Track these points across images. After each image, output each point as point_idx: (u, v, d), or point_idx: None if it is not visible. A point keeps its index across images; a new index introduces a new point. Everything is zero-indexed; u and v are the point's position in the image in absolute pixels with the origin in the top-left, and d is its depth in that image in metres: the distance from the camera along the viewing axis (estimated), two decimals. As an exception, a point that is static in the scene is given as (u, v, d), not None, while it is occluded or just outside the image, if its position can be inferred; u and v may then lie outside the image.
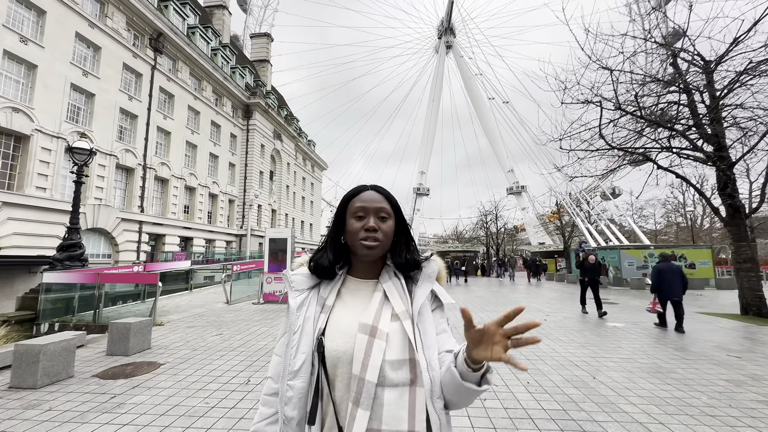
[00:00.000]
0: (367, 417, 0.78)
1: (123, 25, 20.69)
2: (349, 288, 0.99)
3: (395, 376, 0.82)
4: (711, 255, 18.48)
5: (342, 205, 1.01)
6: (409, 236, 1.03)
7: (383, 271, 0.99)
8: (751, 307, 8.99)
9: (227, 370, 4.73)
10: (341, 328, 0.89)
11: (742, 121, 8.72)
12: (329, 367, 0.86)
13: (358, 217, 0.95)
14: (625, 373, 4.55)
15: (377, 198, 0.98)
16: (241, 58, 39.80)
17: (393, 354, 0.84)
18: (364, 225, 0.93)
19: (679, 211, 39.61)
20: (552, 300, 12.57)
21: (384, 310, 0.90)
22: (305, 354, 0.87)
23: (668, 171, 9.98)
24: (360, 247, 0.93)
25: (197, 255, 25.61)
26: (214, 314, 9.15)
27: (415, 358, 0.84)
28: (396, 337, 0.86)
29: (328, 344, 0.87)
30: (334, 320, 0.91)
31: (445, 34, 50.44)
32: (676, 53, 9.23)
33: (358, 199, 0.98)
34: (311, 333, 0.89)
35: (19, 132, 14.99)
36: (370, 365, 0.81)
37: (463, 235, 55.88)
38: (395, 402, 0.80)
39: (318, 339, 0.88)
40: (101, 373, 4.67)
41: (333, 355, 0.86)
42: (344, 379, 0.85)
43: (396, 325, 0.87)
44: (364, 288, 0.98)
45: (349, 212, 0.97)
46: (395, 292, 0.93)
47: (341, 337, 0.88)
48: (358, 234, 0.94)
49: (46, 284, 8.06)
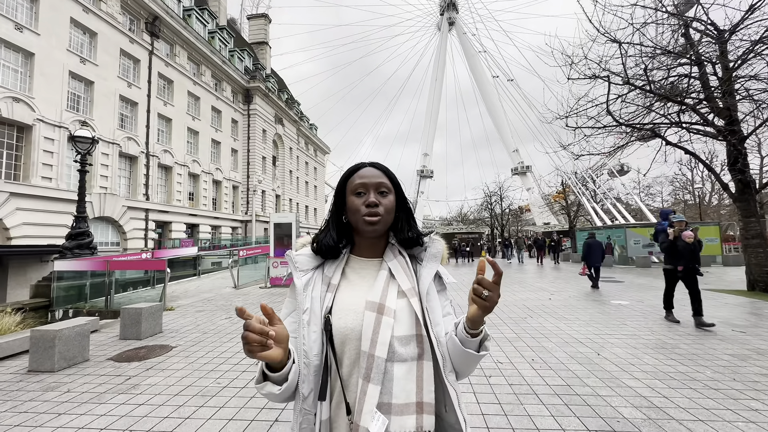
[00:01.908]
0: (378, 391, 0.81)
1: (117, 9, 20.27)
2: (353, 267, 1.00)
3: (404, 351, 0.85)
4: (719, 232, 18.30)
5: (341, 184, 1.00)
6: (409, 212, 1.03)
7: (387, 250, 1.00)
8: (758, 282, 8.95)
9: (237, 351, 4.84)
10: (348, 306, 0.90)
11: (755, 93, 8.44)
12: (337, 345, 0.88)
13: (359, 193, 0.95)
14: (629, 350, 4.58)
15: (376, 173, 0.97)
16: (240, 41, 39.01)
17: (401, 330, 0.87)
18: (365, 201, 0.93)
19: (686, 188, 39.05)
20: (557, 279, 12.61)
21: (390, 287, 0.91)
22: (316, 333, 0.88)
23: (677, 147, 9.76)
24: (363, 223, 0.93)
25: (204, 241, 25.89)
26: (222, 299, 9.32)
27: (422, 333, 0.87)
28: (403, 313, 0.88)
29: (335, 322, 0.88)
30: (340, 299, 0.92)
31: (448, 9, 48.84)
32: (688, 23, 8.87)
33: (357, 176, 0.97)
34: (319, 312, 0.90)
35: (21, 122, 14.99)
36: (379, 341, 0.83)
37: (468, 216, 55.80)
38: (404, 376, 0.84)
39: (325, 317, 0.89)
40: (116, 356, 4.80)
41: (341, 332, 0.87)
42: (352, 356, 0.87)
43: (403, 302, 0.90)
44: (369, 267, 0.99)
45: (349, 190, 0.97)
46: (401, 270, 0.94)
47: (349, 314, 0.89)
48: (359, 210, 0.93)
49: (57, 272, 8.23)
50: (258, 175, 33.66)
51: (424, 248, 1.00)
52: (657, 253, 18.06)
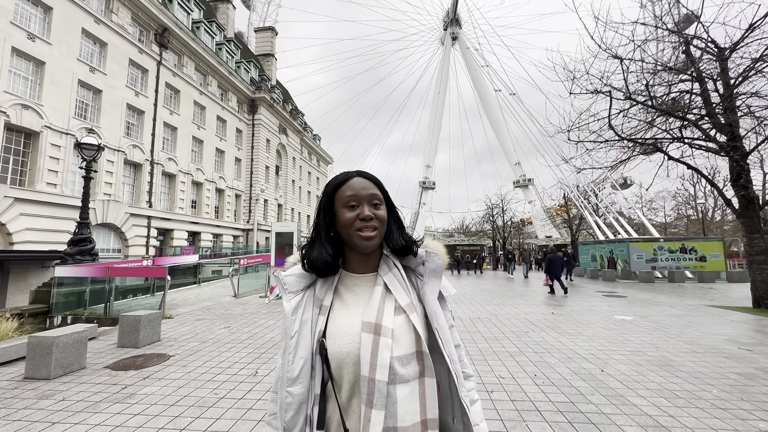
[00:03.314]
0: (383, 417, 0.77)
1: (128, 21, 20.74)
2: (346, 284, 0.94)
3: (405, 372, 0.82)
4: (722, 248, 18.17)
5: (329, 195, 0.93)
6: (400, 221, 0.98)
7: (381, 263, 0.94)
8: (764, 299, 8.83)
9: (235, 362, 4.79)
10: (343, 329, 0.85)
11: (757, 109, 8.49)
12: (334, 369, 0.83)
13: (351, 206, 0.89)
14: (633, 366, 4.50)
15: (367, 185, 0.92)
16: (246, 52, 39.74)
17: (400, 349, 0.83)
18: (359, 214, 0.88)
19: (689, 203, 38.95)
20: (559, 292, 12.48)
21: (387, 304, 0.87)
22: (303, 359, 0.84)
23: (679, 162, 9.78)
24: (357, 239, 0.88)
25: (205, 249, 25.89)
26: (222, 307, 9.26)
27: (422, 350, 0.84)
28: (402, 331, 0.85)
29: (330, 346, 0.84)
30: (334, 321, 0.87)
31: (451, 25, 49.66)
32: (688, 40, 8.99)
33: (347, 187, 0.91)
34: (309, 337, 0.86)
35: (29, 128, 15.19)
36: (379, 365, 0.79)
37: (470, 228, 55.67)
38: (407, 397, 0.81)
39: (319, 342, 0.85)
40: (112, 364, 4.75)
41: (337, 356, 0.83)
42: (349, 381, 0.83)
43: (401, 319, 0.86)
44: (362, 283, 0.93)
45: (339, 202, 0.91)
46: (397, 284, 0.90)
47: (344, 337, 0.84)
48: (353, 225, 0.88)
49: (58, 278, 8.22)
50: (261, 184, 33.83)
51: (422, 262, 0.93)
52: (660, 268, 17.94)
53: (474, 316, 7.88)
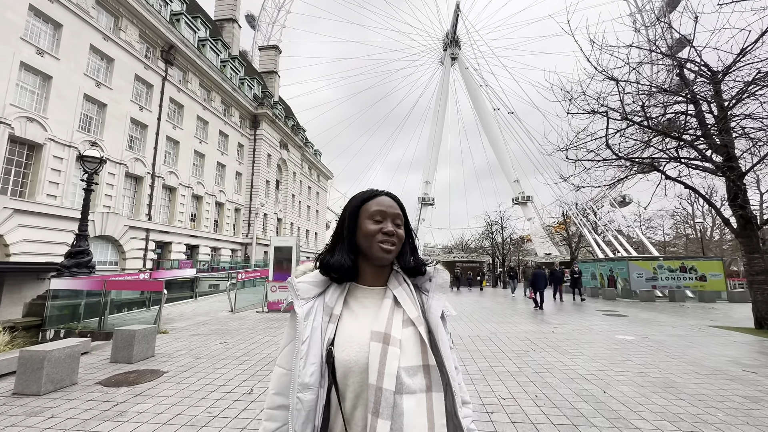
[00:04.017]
0: (389, 427, 0.77)
1: (136, 38, 21.23)
2: (355, 296, 0.97)
3: (412, 383, 0.82)
4: (722, 267, 18.12)
5: (355, 207, 0.99)
6: (413, 242, 1.04)
7: (392, 277, 0.99)
8: (766, 320, 8.75)
9: (230, 379, 4.69)
10: (352, 337, 0.87)
11: (751, 131, 8.62)
12: (339, 378, 0.84)
13: (376, 220, 0.95)
14: (636, 388, 4.42)
15: (393, 205, 0.99)
16: (250, 69, 40.55)
17: (407, 360, 0.84)
18: (383, 228, 0.94)
19: (688, 222, 39.05)
20: (560, 311, 12.37)
21: (395, 316, 0.89)
22: (315, 365, 0.84)
23: (677, 181, 9.87)
24: (378, 249, 0.93)
25: (203, 263, 25.71)
26: (218, 322, 9.13)
27: (429, 363, 0.85)
28: (409, 342, 0.86)
29: (338, 354, 0.85)
30: (343, 329, 0.89)
31: (451, 46, 50.98)
32: (682, 64, 9.22)
33: (375, 203, 0.98)
34: (319, 343, 0.86)
35: (33, 141, 15.32)
36: (386, 373, 0.80)
37: (469, 245, 55.55)
38: (414, 410, 0.80)
39: (327, 349, 0.85)
40: (104, 380, 4.65)
41: (344, 365, 0.84)
42: (355, 390, 0.83)
43: (409, 331, 0.88)
44: (372, 295, 0.97)
45: (365, 214, 0.97)
46: (407, 298, 0.93)
47: (353, 346, 0.86)
48: (375, 236, 0.93)
49: (53, 291, 8.12)
50: (261, 198, 33.92)
51: (429, 278, 0.99)
52: (661, 287, 17.83)
53: (474, 334, 7.78)
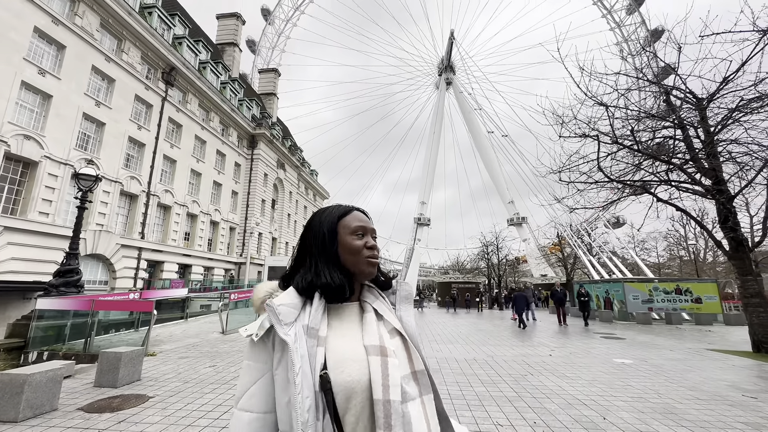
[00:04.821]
0: None
1: (138, 60, 21.67)
2: (333, 314, 0.92)
3: (410, 390, 0.83)
4: (717, 289, 18.13)
5: (333, 223, 0.96)
6: None
7: (365, 291, 0.98)
8: (764, 344, 8.69)
9: (219, 404, 4.52)
10: (347, 356, 0.82)
11: (737, 155, 8.85)
12: (340, 403, 0.78)
13: (359, 235, 0.95)
14: (636, 414, 4.32)
15: (369, 219, 1.00)
16: (249, 91, 41.36)
17: (402, 369, 0.85)
18: (366, 243, 0.94)
19: (681, 244, 39.39)
20: (557, 333, 12.21)
21: (381, 328, 0.89)
22: (309, 398, 0.76)
23: (668, 203, 10.02)
24: (365, 265, 0.93)
25: (195, 283, 25.27)
26: (208, 344, 8.88)
27: (416, 369, 0.87)
28: (400, 351, 0.87)
29: (337, 377, 0.79)
30: (334, 351, 0.83)
31: (445, 71, 52.60)
32: (668, 91, 9.55)
33: (353, 218, 0.98)
34: (309, 372, 0.78)
35: (28, 158, 15.29)
36: (391, 385, 0.79)
37: (464, 265, 55.37)
38: (416, 416, 0.81)
39: (321, 376, 0.78)
40: (86, 406, 4.46)
41: (346, 387, 0.78)
42: (356, 413, 0.78)
43: (396, 341, 0.89)
44: (349, 311, 0.93)
45: (346, 230, 0.95)
46: (387, 310, 0.94)
47: (352, 365, 0.81)
48: (361, 252, 0.93)
49: (38, 311, 7.90)
50: (256, 217, 33.81)
51: (393, 291, 1.01)
52: (657, 309, 17.75)
53: (470, 357, 7.62)
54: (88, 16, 18.26)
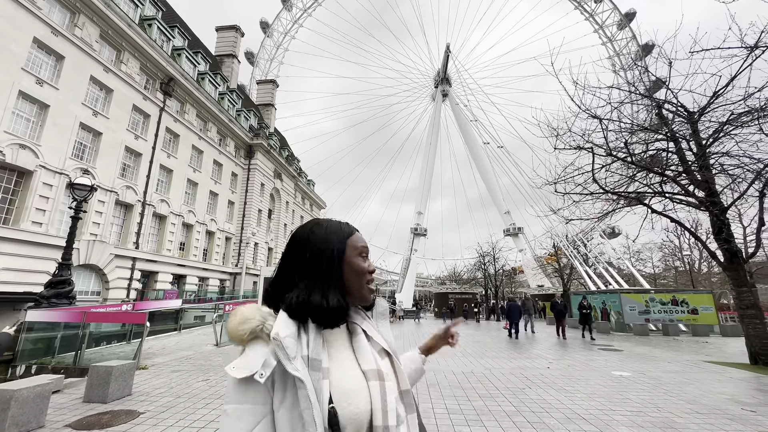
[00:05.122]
0: None
1: (136, 70, 21.79)
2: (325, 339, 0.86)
3: (401, 411, 0.82)
4: (713, 300, 18.18)
5: (343, 241, 0.89)
6: None
7: (352, 313, 0.91)
8: (761, 356, 8.67)
9: (211, 420, 4.41)
10: (351, 386, 0.78)
11: (729, 168, 8.98)
12: None
13: (363, 257, 0.92)
14: (636, 429, 4.27)
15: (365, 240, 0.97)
16: (247, 102, 41.64)
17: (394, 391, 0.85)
18: (370, 267, 0.92)
19: (676, 254, 39.60)
20: (555, 345, 12.14)
21: (372, 350, 0.88)
22: None
23: (662, 215, 10.10)
24: (367, 290, 0.91)
25: (189, 293, 24.96)
26: (202, 357, 8.72)
27: (403, 389, 0.86)
28: (389, 373, 0.86)
29: (344, 411, 0.74)
30: (338, 382, 0.78)
31: (442, 83, 53.35)
32: (660, 104, 9.72)
33: (358, 238, 0.93)
34: (318, 408, 0.72)
35: (23, 167, 15.20)
36: (389, 410, 0.78)
37: (461, 276, 55.21)
38: None
39: (328, 410, 0.73)
40: (74, 422, 4.33)
41: (356, 420, 0.74)
42: None
43: (386, 362, 0.87)
44: (339, 335, 0.87)
45: (354, 251, 0.90)
46: (374, 331, 0.92)
47: (358, 395, 0.77)
48: (365, 275, 0.90)
49: (28, 323, 7.73)
50: (252, 227, 33.66)
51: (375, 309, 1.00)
52: (654, 320, 17.73)
53: (468, 370, 7.54)
54: (88, 28, 18.41)
